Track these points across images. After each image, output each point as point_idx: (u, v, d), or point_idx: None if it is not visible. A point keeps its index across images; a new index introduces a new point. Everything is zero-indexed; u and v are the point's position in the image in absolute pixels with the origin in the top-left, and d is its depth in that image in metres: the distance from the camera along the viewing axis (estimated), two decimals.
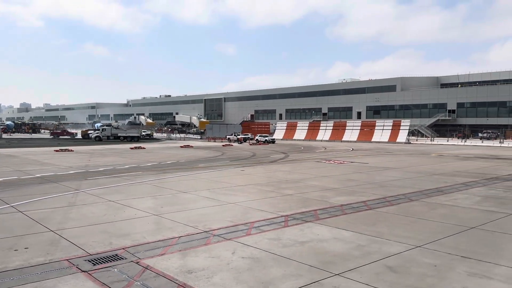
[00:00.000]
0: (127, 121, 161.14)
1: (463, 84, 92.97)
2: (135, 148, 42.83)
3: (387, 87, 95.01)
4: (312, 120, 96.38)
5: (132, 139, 59.21)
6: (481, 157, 34.33)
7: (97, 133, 61.52)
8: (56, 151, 37.50)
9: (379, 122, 67.80)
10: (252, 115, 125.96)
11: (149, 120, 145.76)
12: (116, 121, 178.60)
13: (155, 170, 22.79)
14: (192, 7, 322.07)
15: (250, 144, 55.33)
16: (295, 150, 43.41)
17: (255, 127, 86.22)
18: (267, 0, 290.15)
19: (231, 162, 28.31)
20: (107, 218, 11.27)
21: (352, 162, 29.20)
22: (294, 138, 75.86)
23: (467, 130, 78.22)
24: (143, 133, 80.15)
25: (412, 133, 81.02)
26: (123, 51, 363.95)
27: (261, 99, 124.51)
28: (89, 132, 71.98)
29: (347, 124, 71.31)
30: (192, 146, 47.69)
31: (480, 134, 72.22)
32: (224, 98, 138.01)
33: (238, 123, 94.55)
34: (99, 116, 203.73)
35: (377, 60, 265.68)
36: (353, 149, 48.38)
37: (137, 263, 7.66)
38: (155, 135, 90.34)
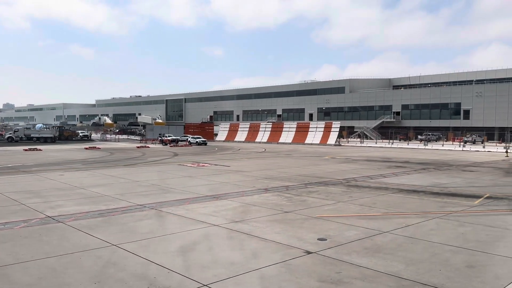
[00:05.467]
0: (91, 121, 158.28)
1: (413, 86, 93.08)
2: (29, 150, 40.82)
3: (336, 89, 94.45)
4: (267, 121, 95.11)
5: (45, 140, 57.00)
6: (369, 160, 33.39)
7: (10, 133, 59.23)
8: None
9: (312, 124, 66.89)
10: (211, 116, 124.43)
11: (109, 121, 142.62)
12: (81, 122, 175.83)
13: None
14: (178, 10, 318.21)
15: (171, 146, 53.69)
16: (204, 152, 41.90)
17: (208, 128, 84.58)
18: (253, 4, 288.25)
19: (82, 166, 26.69)
20: None
21: (216, 165, 27.87)
22: (235, 140, 74.48)
23: (411, 132, 78.05)
24: (81, 134, 77.93)
25: (358, 135, 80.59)
26: (110, 52, 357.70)
27: (219, 100, 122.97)
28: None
29: (284, 126, 70.21)
30: (99, 148, 45.85)
31: (420, 137, 71.91)
32: (185, 99, 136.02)
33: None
34: (66, 116, 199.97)
35: (364, 62, 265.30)
36: (265, 150, 47.29)
37: None
38: (106, 136, 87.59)
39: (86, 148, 45.02)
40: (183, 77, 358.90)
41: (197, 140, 60.06)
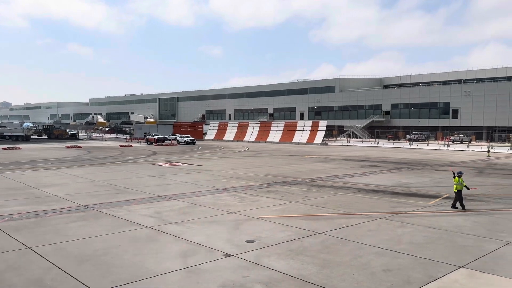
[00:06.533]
0: (85, 120, 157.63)
1: (404, 85, 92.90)
2: (8, 148, 40.40)
3: (327, 88, 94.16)
4: (259, 120, 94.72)
5: (17, 139, 56.47)
6: (347, 159, 33.12)
7: None
8: None
9: (300, 123, 66.55)
10: (203, 115, 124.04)
11: (101, 120, 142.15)
12: (75, 121, 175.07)
13: None
14: (176, 9, 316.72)
15: (155, 145, 53.23)
16: (185, 151, 41.46)
17: (199, 127, 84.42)
18: (250, 3, 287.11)
19: (52, 165, 26.29)
20: None
21: (188, 164, 27.56)
22: (224, 138, 74.04)
23: (400, 132, 77.81)
24: (70, 133, 77.37)
25: (348, 134, 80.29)
26: (108, 51, 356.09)
27: (211, 99, 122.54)
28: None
29: (272, 125, 69.82)
30: (80, 147, 45.35)
31: (408, 136, 71.64)
32: (177, 97, 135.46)
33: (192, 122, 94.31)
34: (60, 115, 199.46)
35: (362, 62, 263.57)
36: (249, 148, 47.03)
37: None
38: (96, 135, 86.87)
39: (67, 147, 44.55)
40: (181, 76, 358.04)
41: (186, 139, 59.39)
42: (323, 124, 62.21)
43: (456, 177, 13.41)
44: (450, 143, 57.95)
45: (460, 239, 10.04)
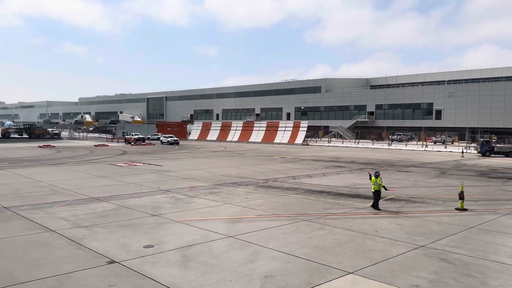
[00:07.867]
0: (74, 119, 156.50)
1: (391, 86, 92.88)
2: None
3: (313, 88, 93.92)
4: (245, 120, 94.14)
5: None
6: (316, 160, 32.78)
7: None
8: None
9: (281, 123, 66.21)
10: (191, 115, 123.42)
11: (89, 119, 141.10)
12: (64, 120, 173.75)
13: None
14: (171, 9, 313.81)
15: (132, 145, 52.63)
16: (158, 151, 40.89)
17: (185, 127, 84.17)
18: (246, 3, 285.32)
19: (8, 164, 25.65)
20: None
21: (149, 164, 27.07)
22: (207, 138, 73.60)
23: (384, 132, 77.68)
24: (52, 132, 76.63)
25: (333, 135, 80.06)
26: (103, 50, 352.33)
27: (199, 99, 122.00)
28: None
29: (255, 125, 69.47)
30: (53, 146, 44.69)
31: (391, 137, 71.52)
32: (166, 97, 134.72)
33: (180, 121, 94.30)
34: (49, 114, 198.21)
35: (357, 62, 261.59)
36: (225, 148, 46.55)
37: None
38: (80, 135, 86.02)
39: (40, 146, 43.85)
40: (177, 76, 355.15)
41: (169, 139, 58.50)
42: (304, 124, 61.89)
43: (373, 178, 13.10)
44: (430, 143, 57.95)
45: (370, 242, 9.68)
